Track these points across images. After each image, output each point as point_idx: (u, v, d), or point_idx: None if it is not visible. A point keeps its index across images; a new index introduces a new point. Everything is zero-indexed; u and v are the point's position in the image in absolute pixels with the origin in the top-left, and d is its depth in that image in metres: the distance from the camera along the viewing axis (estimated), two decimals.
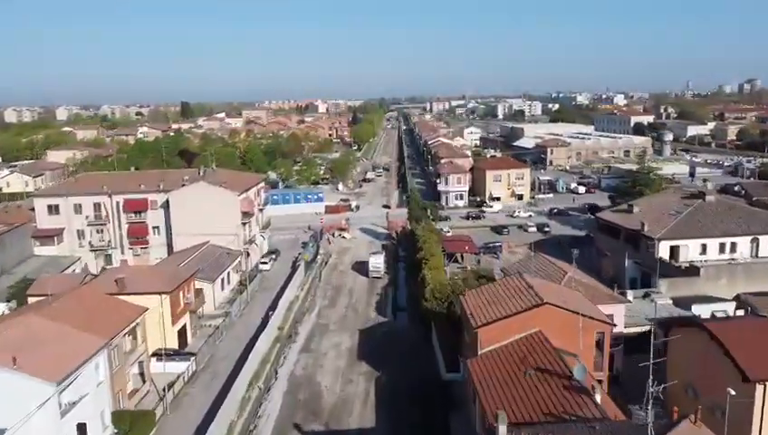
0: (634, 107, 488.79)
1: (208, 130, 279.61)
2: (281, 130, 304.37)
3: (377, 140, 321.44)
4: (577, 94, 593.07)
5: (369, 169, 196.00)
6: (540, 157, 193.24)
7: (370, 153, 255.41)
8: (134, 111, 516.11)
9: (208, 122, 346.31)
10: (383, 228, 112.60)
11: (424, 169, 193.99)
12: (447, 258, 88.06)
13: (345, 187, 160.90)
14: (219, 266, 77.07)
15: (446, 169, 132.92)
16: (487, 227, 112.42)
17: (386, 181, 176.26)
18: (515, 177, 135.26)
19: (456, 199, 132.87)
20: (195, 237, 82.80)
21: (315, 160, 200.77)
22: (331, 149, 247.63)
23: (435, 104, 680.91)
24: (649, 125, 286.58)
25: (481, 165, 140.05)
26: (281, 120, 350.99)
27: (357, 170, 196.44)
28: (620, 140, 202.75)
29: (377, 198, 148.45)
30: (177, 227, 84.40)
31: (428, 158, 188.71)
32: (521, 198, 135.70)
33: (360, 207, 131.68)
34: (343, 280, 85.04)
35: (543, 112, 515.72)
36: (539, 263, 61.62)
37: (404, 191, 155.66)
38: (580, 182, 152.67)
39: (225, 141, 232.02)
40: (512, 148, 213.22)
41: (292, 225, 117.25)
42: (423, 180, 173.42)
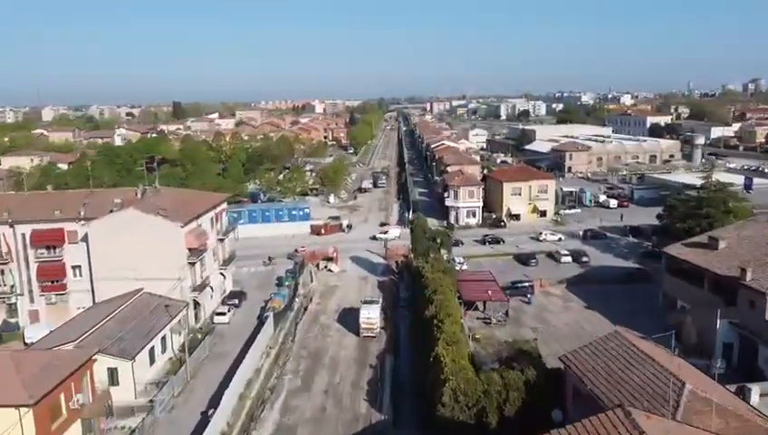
0: (642, 107, 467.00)
1: (194, 132, 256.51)
2: (272, 132, 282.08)
3: (375, 142, 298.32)
4: (581, 94, 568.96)
5: (366, 177, 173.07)
6: (557, 163, 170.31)
7: (368, 157, 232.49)
8: (125, 111, 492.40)
9: (198, 123, 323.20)
10: (380, 256, 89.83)
11: (427, 176, 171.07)
12: (464, 306, 65.40)
13: (337, 198, 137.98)
14: (148, 331, 54.13)
15: (456, 181, 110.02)
16: (509, 256, 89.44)
17: (384, 191, 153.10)
18: (538, 189, 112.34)
19: (467, 217, 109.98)
20: (124, 283, 60.14)
21: (303, 168, 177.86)
22: (325, 153, 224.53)
23: (435, 104, 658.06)
24: (667, 126, 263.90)
25: (496, 175, 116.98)
26: (274, 121, 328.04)
27: (352, 178, 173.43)
28: (645, 144, 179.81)
29: (373, 212, 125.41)
30: (100, 270, 61.58)
31: (433, 164, 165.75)
32: (544, 215, 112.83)
33: (352, 227, 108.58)
34: (325, 341, 62.07)
35: (548, 113, 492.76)
36: (620, 351, 38.33)
37: (405, 203, 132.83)
38: (609, 194, 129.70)
39: (210, 145, 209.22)
40: (523, 152, 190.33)
41: (269, 250, 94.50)
42: (426, 190, 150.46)
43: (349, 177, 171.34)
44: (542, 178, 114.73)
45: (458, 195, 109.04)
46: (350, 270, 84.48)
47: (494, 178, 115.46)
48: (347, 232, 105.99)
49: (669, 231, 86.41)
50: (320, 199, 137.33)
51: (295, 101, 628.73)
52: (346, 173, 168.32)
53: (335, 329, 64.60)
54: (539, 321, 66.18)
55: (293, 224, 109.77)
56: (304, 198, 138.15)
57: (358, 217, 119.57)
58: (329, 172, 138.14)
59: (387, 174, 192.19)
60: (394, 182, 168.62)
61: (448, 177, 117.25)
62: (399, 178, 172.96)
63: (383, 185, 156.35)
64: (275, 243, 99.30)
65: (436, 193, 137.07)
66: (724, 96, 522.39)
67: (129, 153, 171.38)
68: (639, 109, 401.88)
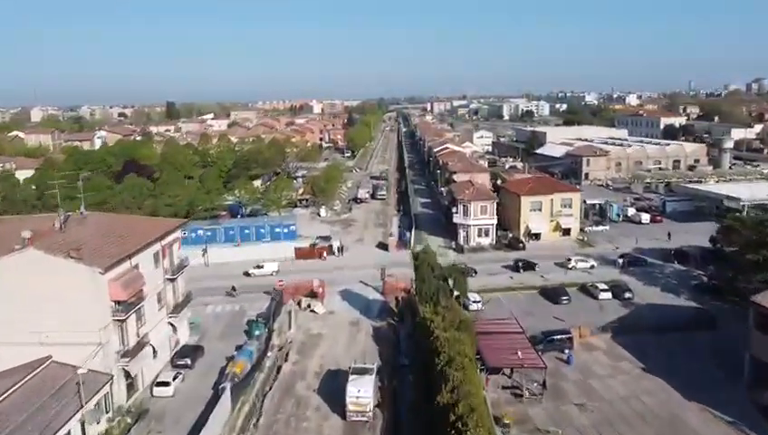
0: (649, 106, 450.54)
1: (183, 133, 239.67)
2: (266, 133, 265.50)
3: (374, 144, 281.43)
4: (585, 94, 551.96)
5: (363, 184, 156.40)
6: (572, 169, 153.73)
7: (366, 160, 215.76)
8: (117, 111, 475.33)
9: (189, 124, 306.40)
10: (376, 290, 73.22)
11: (429, 183, 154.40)
12: (487, 371, 49.06)
13: (330, 211, 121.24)
14: (46, 424, 37.53)
15: (465, 195, 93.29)
16: (534, 290, 72.75)
17: (383, 202, 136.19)
18: (561, 203, 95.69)
19: (479, 236, 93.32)
20: (27, 349, 43.67)
21: (294, 174, 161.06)
22: (319, 157, 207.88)
23: (435, 104, 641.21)
24: (682, 128, 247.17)
25: (512, 187, 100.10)
26: (268, 122, 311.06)
27: (347, 185, 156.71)
28: (668, 148, 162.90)
29: (369, 229, 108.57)
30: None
31: (437, 171, 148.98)
32: (568, 234, 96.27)
33: (344, 249, 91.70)
34: (299, 427, 45.35)
35: (551, 113, 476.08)
36: None
37: (406, 216, 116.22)
38: (638, 207, 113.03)
39: (196, 148, 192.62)
40: (534, 156, 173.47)
41: (244, 279, 77.98)
42: (429, 200, 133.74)
43: (344, 184, 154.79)
44: (566, 190, 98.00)
45: (468, 211, 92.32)
46: (338, 310, 67.69)
47: (510, 190, 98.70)
48: (338, 255, 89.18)
49: (729, 260, 69.90)
50: (310, 212, 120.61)
51: (293, 101, 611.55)
52: (341, 180, 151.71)
53: (314, 406, 47.83)
54: (584, 392, 49.57)
55: (277, 244, 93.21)
56: (292, 211, 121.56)
57: (352, 236, 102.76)
58: (320, 181, 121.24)
59: (386, 178, 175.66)
60: (393, 190, 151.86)
61: (456, 188, 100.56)
62: (399, 186, 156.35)
63: (382, 196, 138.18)
64: (257, 270, 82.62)
65: (441, 205, 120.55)
66: (731, 96, 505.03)
67: (102, 158, 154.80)
68: (648, 109, 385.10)
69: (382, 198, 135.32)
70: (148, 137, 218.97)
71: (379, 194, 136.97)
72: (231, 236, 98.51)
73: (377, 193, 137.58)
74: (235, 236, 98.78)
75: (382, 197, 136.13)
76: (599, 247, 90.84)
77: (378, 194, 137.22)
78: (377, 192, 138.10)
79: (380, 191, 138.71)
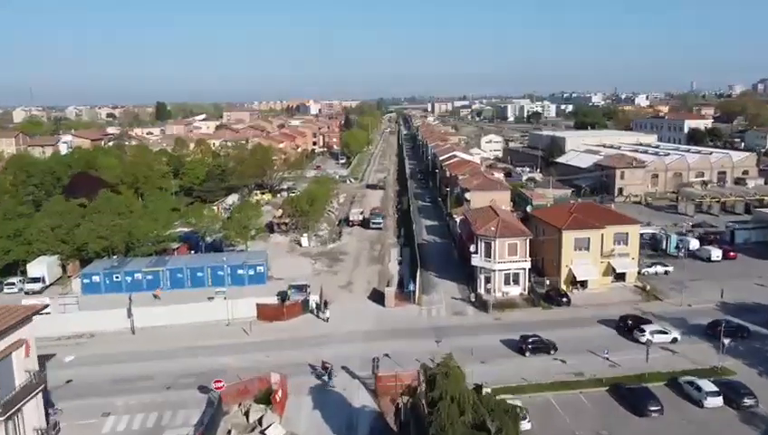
0: (658, 107, 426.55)
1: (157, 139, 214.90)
2: (256, 136, 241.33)
3: (372, 149, 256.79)
4: (592, 95, 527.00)
5: (358, 200, 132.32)
6: (602, 183, 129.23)
7: (363, 167, 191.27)
8: (105, 111, 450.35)
9: (174, 126, 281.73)
10: (365, 387, 48.71)
11: (436, 199, 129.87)
12: None
13: (315, 238, 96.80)
14: None
15: (488, 229, 68.68)
16: (601, 389, 48.15)
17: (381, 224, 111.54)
18: (614, 239, 71.22)
19: (506, 284, 68.88)
20: None
21: (273, 192, 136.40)
22: (307, 165, 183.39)
23: (436, 105, 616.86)
24: (709, 132, 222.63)
25: (549, 216, 75.00)
26: (259, 124, 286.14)
27: (339, 201, 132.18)
28: (712, 157, 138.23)
29: (361, 266, 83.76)
30: None
31: (444, 187, 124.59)
32: (621, 279, 71.81)
33: (325, 305, 66.31)
34: None
35: (558, 114, 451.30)
36: None
37: (407, 244, 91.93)
38: (702, 236, 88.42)
39: (171, 155, 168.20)
40: (555, 166, 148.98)
41: (183, 356, 53.60)
42: (437, 223, 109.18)
43: (335, 199, 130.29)
44: (621, 221, 73.12)
45: (492, 250, 67.84)
46: (304, 431, 43.03)
47: (546, 221, 73.91)
48: (323, 318, 64.21)
49: None
50: (289, 240, 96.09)
51: (290, 101, 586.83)
52: (331, 196, 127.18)
53: None
54: None
55: (244, 289, 69.17)
56: (269, 237, 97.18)
57: (339, 278, 78.09)
58: (302, 202, 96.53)
59: (383, 187, 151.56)
60: (393, 206, 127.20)
61: (474, 218, 75.76)
62: (399, 200, 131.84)
63: (378, 226, 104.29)
64: (197, 339, 58.15)
65: (452, 231, 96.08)
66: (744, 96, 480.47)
67: (50, 169, 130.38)
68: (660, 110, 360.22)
69: (377, 227, 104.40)
70: (120, 141, 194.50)
71: (373, 223, 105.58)
72: (179, 281, 74.36)
73: (371, 222, 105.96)
74: (183, 278, 74.65)
75: (377, 226, 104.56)
76: (669, 302, 66.41)
77: (372, 223, 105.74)
78: (371, 221, 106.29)
79: (375, 220, 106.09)
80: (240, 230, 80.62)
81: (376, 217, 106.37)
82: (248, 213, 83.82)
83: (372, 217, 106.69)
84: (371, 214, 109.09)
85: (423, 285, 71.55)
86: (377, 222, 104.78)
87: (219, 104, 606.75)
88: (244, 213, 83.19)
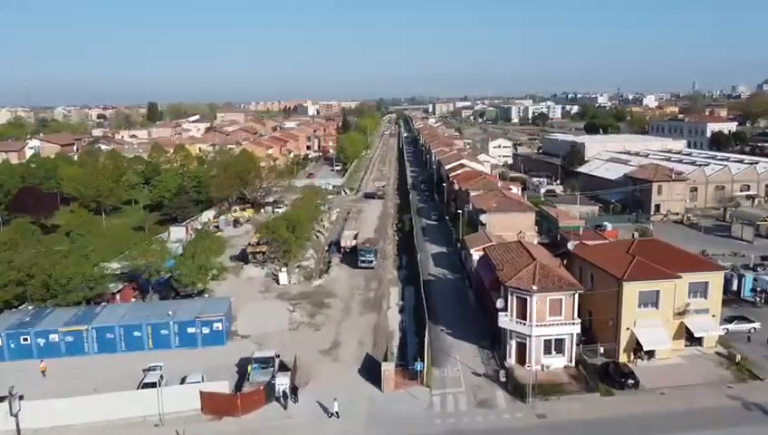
0: (668, 109, 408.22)
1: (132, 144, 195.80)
2: (247, 139, 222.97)
3: (371, 153, 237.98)
4: (597, 95, 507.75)
5: (351, 221, 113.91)
6: (635, 198, 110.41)
7: (360, 175, 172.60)
8: (96, 112, 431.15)
9: (161, 129, 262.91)
10: None
11: (443, 216, 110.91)
12: None
13: (297, 272, 78.04)
14: None
15: (521, 280, 49.75)
16: None
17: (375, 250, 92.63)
18: (689, 291, 52.37)
19: (547, 352, 50.09)
20: None
21: (256, 206, 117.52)
22: (299, 173, 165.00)
23: (438, 106, 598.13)
24: (734, 135, 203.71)
25: (603, 261, 55.48)
26: (252, 126, 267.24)
27: (330, 218, 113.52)
28: (759, 168, 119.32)
29: (352, 315, 64.64)
30: None
31: (453, 205, 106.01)
32: (698, 343, 53.06)
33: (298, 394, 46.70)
34: None
35: (563, 116, 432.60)
36: None
37: (411, 282, 73.35)
38: None
39: (148, 163, 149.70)
40: (576, 177, 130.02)
41: None
42: (445, 249, 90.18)
43: (326, 218, 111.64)
44: (698, 266, 53.98)
45: (529, 309, 49.11)
46: None
47: (597, 266, 54.79)
48: (287, 406, 45.38)
49: None
50: (264, 275, 77.34)
51: (288, 102, 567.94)
52: (321, 214, 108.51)
53: None
54: None
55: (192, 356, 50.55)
56: (242, 269, 78.65)
57: (322, 336, 59.17)
58: (281, 228, 77.49)
59: (382, 196, 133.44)
60: (392, 225, 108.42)
61: (502, 260, 56.67)
62: (400, 218, 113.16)
63: (368, 264, 79.37)
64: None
65: (465, 264, 77.25)
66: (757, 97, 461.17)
67: None
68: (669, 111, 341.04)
69: (367, 266, 79.22)
70: (93, 147, 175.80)
71: (362, 261, 79.38)
72: (110, 344, 55.69)
73: (359, 259, 79.85)
74: (115, 339, 55.99)
75: (367, 265, 79.15)
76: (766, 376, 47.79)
77: (361, 261, 79.54)
78: (359, 258, 79.83)
79: (365, 256, 79.65)
80: (194, 272, 61.61)
81: (366, 254, 79.76)
82: (206, 247, 64.50)
83: (362, 254, 79.99)
84: (360, 250, 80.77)
85: (433, 351, 52.72)
86: (366, 259, 79.42)
87: (217, 104, 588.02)
88: (201, 248, 63.90)
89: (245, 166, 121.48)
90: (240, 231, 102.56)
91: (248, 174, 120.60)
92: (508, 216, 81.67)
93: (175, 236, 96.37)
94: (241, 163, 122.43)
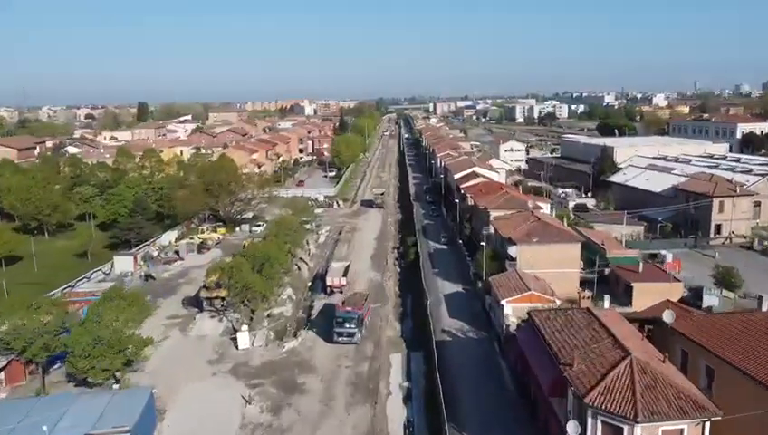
0: (679, 108, 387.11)
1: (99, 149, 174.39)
2: (236, 141, 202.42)
3: (369, 156, 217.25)
4: (604, 94, 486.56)
5: (340, 251, 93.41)
6: (689, 216, 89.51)
7: (356, 183, 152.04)
8: (84, 112, 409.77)
9: (144, 130, 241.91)
10: None
11: (455, 239, 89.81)
12: None
13: (264, 331, 57.17)
14: None
15: (615, 398, 29.09)
16: None
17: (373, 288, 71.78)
18: None
19: None
20: None
21: (230, 224, 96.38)
22: (287, 180, 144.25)
23: (438, 105, 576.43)
24: None
25: (733, 352, 34.49)
26: (242, 127, 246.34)
27: (318, 240, 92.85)
28: None
29: (336, 411, 43.81)
30: None
31: (471, 233, 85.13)
32: None
33: None
34: None
35: (569, 115, 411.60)
36: None
37: (419, 345, 52.79)
38: None
39: (116, 170, 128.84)
40: (609, 187, 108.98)
41: None
42: (461, 287, 69.18)
43: (312, 240, 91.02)
44: None
45: None
46: None
47: (731, 363, 33.86)
48: None
49: None
50: (222, 330, 56.68)
51: (285, 101, 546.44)
52: (305, 237, 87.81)
53: None
54: None
55: None
56: (193, 321, 58.09)
57: None
58: (242, 271, 56.46)
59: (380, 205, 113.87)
60: (392, 251, 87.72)
61: (565, 349, 35.83)
62: (401, 239, 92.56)
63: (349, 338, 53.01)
64: None
65: (496, 322, 56.50)
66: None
67: None
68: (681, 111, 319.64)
69: (348, 340, 53.03)
70: (58, 153, 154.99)
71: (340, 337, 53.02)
72: None
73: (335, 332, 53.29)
74: None
75: (348, 339, 53.02)
76: None
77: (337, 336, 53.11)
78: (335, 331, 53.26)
79: (346, 328, 53.04)
80: (95, 353, 40.52)
81: (346, 322, 53.02)
82: (112, 317, 43.08)
83: (339, 322, 53.16)
84: (337, 318, 53.69)
85: None
86: (346, 331, 52.89)
87: (214, 104, 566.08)
88: (109, 315, 42.80)
89: (219, 175, 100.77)
90: (205, 258, 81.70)
91: (222, 184, 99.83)
92: (547, 248, 60.97)
93: (120, 267, 75.82)
94: (214, 171, 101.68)
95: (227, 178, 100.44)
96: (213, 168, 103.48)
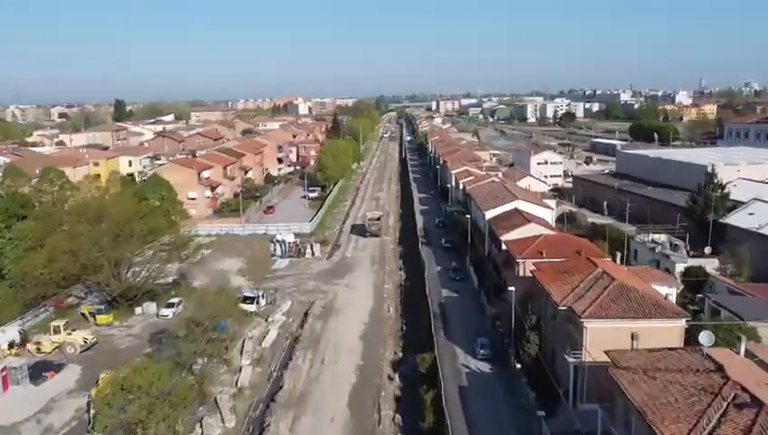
0: (705, 107, 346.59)
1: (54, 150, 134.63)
2: (205, 148, 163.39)
3: (363, 166, 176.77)
4: (620, 91, 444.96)
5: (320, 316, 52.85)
6: None
7: (344, 210, 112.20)
8: (58, 111, 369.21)
9: (99, 134, 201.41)
10: None
11: (494, 323, 49.03)
12: None
13: None
14: None
15: None
16: None
17: None
18: None
19: None
20: None
21: None
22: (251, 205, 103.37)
23: (441, 103, 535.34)
24: None
25: None
26: (215, 131, 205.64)
27: (263, 345, 52.65)
28: None
29: None
30: None
31: (552, 364, 44.06)
32: None
33: None
34: None
35: (585, 115, 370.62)
36: None
37: None
38: None
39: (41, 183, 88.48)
40: (719, 230, 68.43)
41: None
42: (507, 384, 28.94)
43: (256, 335, 50.90)
44: None
45: None
46: None
47: None
48: None
49: None
50: None
51: (280, 99, 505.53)
52: (234, 346, 47.67)
53: None
54: None
55: None
56: None
57: None
58: None
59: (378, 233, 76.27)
60: (391, 365, 47.91)
61: None
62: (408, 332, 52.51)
63: None
64: None
65: None
66: None
67: None
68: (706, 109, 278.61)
69: None
70: None
71: None
72: None
73: None
74: None
75: None
76: None
77: None
78: None
79: None
80: None
81: None
82: None
83: None
84: None
85: None
86: None
87: (205, 102, 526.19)
88: None
89: (111, 217, 60.71)
90: (46, 394, 41.75)
91: (117, 233, 59.62)
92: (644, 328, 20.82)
93: None
94: (101, 211, 61.55)
95: (126, 222, 60.40)
96: (100, 205, 63.21)
